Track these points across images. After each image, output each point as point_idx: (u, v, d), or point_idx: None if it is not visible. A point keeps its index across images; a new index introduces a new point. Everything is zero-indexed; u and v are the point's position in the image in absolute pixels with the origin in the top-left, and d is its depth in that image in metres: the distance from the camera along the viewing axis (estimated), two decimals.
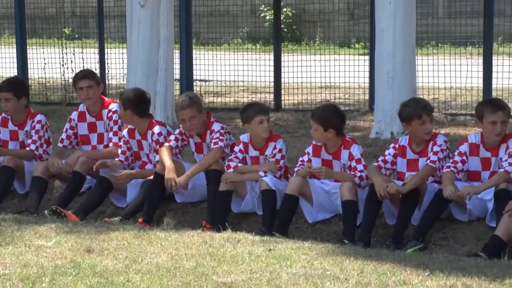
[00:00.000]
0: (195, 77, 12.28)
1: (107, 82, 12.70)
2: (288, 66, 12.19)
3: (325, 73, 12.26)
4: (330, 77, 12.25)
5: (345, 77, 12.14)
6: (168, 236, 6.45)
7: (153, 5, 10.30)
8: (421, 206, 6.73)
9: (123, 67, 12.21)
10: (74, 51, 13.18)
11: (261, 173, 7.09)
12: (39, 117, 8.24)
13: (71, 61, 12.96)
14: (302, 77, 12.36)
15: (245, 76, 12.70)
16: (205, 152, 7.50)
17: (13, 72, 13.38)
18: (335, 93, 12.27)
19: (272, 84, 11.90)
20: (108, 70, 12.81)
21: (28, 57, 13.25)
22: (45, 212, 7.45)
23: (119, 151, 7.81)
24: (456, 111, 10.98)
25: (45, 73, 13.43)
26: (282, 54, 11.89)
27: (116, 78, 13.24)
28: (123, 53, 12.28)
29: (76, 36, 16.51)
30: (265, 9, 19.64)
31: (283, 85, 11.89)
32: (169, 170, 7.26)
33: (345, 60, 12.32)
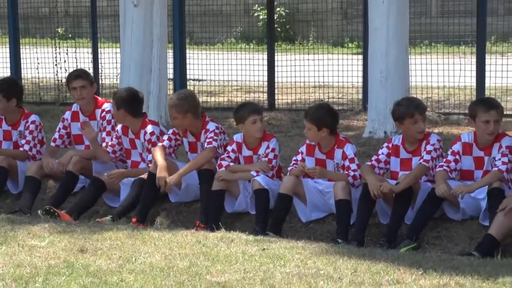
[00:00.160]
0: (188, 77, 12.27)
1: (100, 82, 12.68)
2: (282, 66, 12.19)
3: (319, 72, 12.27)
4: (324, 77, 12.26)
5: (339, 77, 12.14)
6: (162, 235, 6.45)
7: (147, 4, 10.29)
8: (414, 205, 6.75)
9: (116, 67, 12.20)
10: (67, 50, 13.16)
11: (253, 173, 7.09)
12: (33, 117, 8.23)
13: (65, 60, 12.94)
14: (295, 76, 12.37)
15: (239, 75, 12.70)
16: (199, 152, 7.50)
17: (6, 72, 13.36)
18: (329, 93, 12.28)
19: (266, 83, 11.90)
20: (102, 70, 12.80)
21: (21, 56, 13.22)
22: (39, 212, 7.44)
23: (109, 143, 7.81)
24: (449, 110, 10.99)
25: (38, 73, 13.41)
26: (276, 54, 11.89)
27: (110, 78, 13.23)
28: (116, 52, 12.27)
29: (70, 35, 16.48)
30: (259, 9, 19.64)
31: (276, 84, 11.90)
32: (161, 169, 7.27)
33: (338, 59, 12.33)
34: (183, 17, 11.78)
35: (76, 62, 12.84)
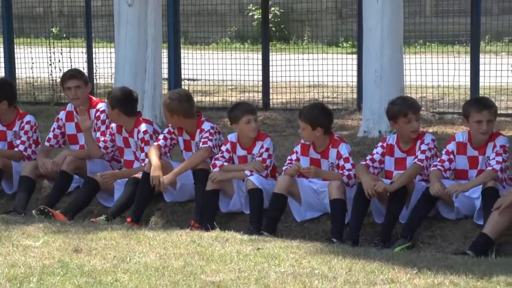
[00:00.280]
0: (183, 76, 12.26)
1: (95, 82, 12.67)
2: (277, 65, 12.19)
3: (313, 72, 12.27)
4: (318, 76, 12.26)
5: (333, 76, 12.15)
6: (157, 235, 6.45)
7: (141, 4, 10.28)
8: (409, 204, 6.76)
9: (111, 67, 12.19)
10: (61, 50, 13.13)
11: (247, 172, 7.10)
12: (28, 117, 8.22)
13: (59, 60, 12.92)
14: (290, 76, 12.37)
15: (233, 75, 12.70)
16: (193, 151, 7.51)
17: (0, 72, 13.32)
18: (323, 92, 12.28)
19: (261, 83, 11.90)
20: (96, 70, 12.78)
21: (16, 56, 13.19)
22: (33, 212, 7.44)
23: (102, 139, 7.81)
24: (443, 109, 11.00)
25: (32, 72, 13.39)
26: (270, 53, 11.89)
27: (104, 78, 13.22)
28: (111, 52, 12.26)
29: (64, 35, 16.47)
30: (253, 8, 19.64)
31: (271, 84, 11.89)
32: (155, 168, 7.27)
33: (333, 59, 12.33)
34: (177, 16, 11.77)
35: (71, 62, 12.81)
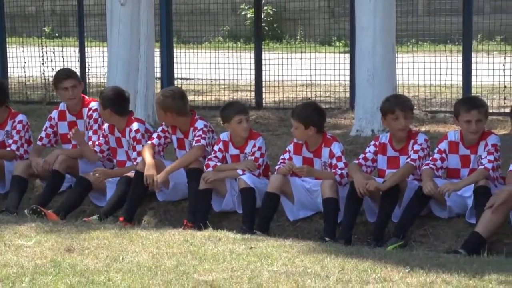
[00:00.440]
0: (176, 76, 12.26)
1: (87, 81, 12.65)
2: (269, 64, 12.20)
3: (306, 71, 12.28)
4: (311, 75, 12.27)
5: (326, 75, 12.16)
6: (149, 234, 6.44)
7: (133, 3, 10.27)
8: (401, 203, 6.77)
9: (103, 66, 12.17)
10: (54, 49, 13.12)
11: (239, 171, 7.10)
12: (20, 117, 8.21)
13: (51, 59, 12.90)
14: (283, 75, 12.37)
15: (226, 74, 12.69)
16: (187, 149, 7.51)
17: None
18: (316, 91, 12.29)
19: (253, 82, 11.90)
20: (89, 69, 12.77)
21: (8, 56, 13.17)
22: (25, 211, 7.43)
23: (96, 143, 7.80)
24: (436, 108, 11.02)
25: (25, 72, 13.37)
26: (263, 52, 11.89)
27: (97, 77, 13.20)
28: (103, 51, 12.24)
29: (56, 34, 16.42)
30: (246, 7, 19.64)
31: (264, 83, 11.90)
32: (149, 166, 7.27)
33: (326, 58, 12.34)
34: (170, 15, 11.77)
35: (63, 61, 12.80)
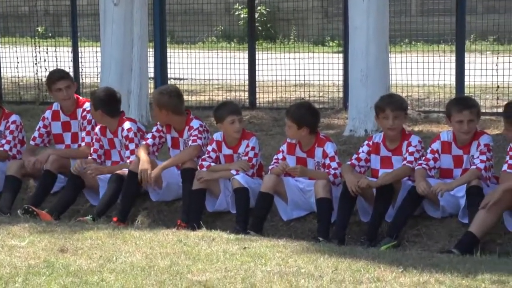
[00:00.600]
0: (169, 76, 12.25)
1: (81, 81, 12.64)
2: (263, 64, 12.20)
3: (300, 71, 12.28)
4: (305, 75, 12.27)
5: (320, 75, 12.16)
6: (143, 235, 6.44)
7: (127, 3, 10.26)
8: (395, 203, 6.77)
9: (97, 66, 12.15)
10: (47, 49, 13.10)
11: (233, 172, 7.10)
12: (13, 117, 8.20)
13: (45, 60, 12.88)
14: (276, 75, 12.37)
15: (220, 74, 12.69)
16: (181, 148, 7.51)
17: None
18: (310, 91, 12.30)
19: (247, 82, 11.90)
20: (82, 69, 12.75)
21: (1, 56, 13.15)
22: (18, 211, 7.42)
23: (91, 149, 7.80)
24: (429, 108, 11.04)
25: (18, 72, 13.34)
26: (257, 52, 11.89)
27: (90, 77, 13.18)
28: (97, 51, 12.22)
29: (50, 34, 16.40)
30: (239, 7, 19.64)
31: (257, 83, 11.90)
32: (144, 162, 7.28)
33: (319, 58, 12.35)
34: (163, 15, 11.76)
35: (56, 61, 12.79)
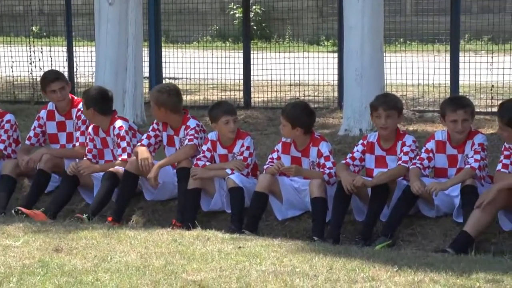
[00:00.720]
0: (164, 75, 12.25)
1: (75, 81, 12.63)
2: (258, 64, 12.20)
3: (295, 70, 12.29)
4: (300, 75, 12.28)
5: (314, 75, 12.17)
6: (138, 234, 6.44)
7: (122, 3, 10.25)
8: (390, 203, 6.78)
9: (91, 65, 12.14)
10: (42, 49, 13.08)
11: (228, 170, 7.10)
12: (8, 116, 8.19)
13: (39, 59, 12.87)
14: (271, 74, 12.38)
15: (215, 73, 12.70)
16: (177, 146, 7.52)
17: None
18: (305, 91, 12.30)
19: (242, 81, 11.90)
20: (77, 68, 12.74)
21: None
22: (12, 211, 7.41)
23: (86, 149, 7.79)
24: (424, 107, 11.05)
25: (12, 71, 13.33)
26: (252, 52, 11.90)
27: (85, 77, 13.17)
28: (91, 51, 12.22)
29: (44, 34, 16.38)
30: (234, 7, 19.64)
31: (252, 82, 11.90)
32: (143, 151, 7.32)
33: (314, 57, 12.36)
34: (158, 15, 11.75)
35: (51, 61, 12.77)
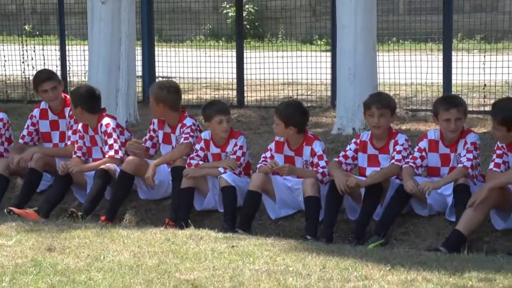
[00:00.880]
0: (157, 74, 12.23)
1: (68, 80, 12.60)
2: (251, 63, 12.19)
3: (288, 69, 12.28)
4: (293, 74, 12.28)
5: (308, 74, 12.17)
6: (131, 233, 6.44)
7: (114, 1, 10.22)
8: (383, 202, 6.79)
9: (84, 64, 12.12)
10: (34, 48, 13.05)
11: (220, 169, 7.10)
12: (0, 115, 8.18)
13: (32, 58, 12.84)
14: (264, 73, 12.38)
15: (208, 72, 12.69)
16: (173, 144, 7.53)
17: None
18: (298, 90, 12.31)
19: (235, 80, 11.90)
20: (70, 67, 12.72)
21: None
22: (5, 210, 7.40)
23: (76, 147, 7.79)
24: (416, 106, 11.06)
25: (5, 70, 13.30)
26: (245, 51, 11.89)
27: (78, 75, 13.14)
28: (84, 50, 12.18)
29: (37, 33, 16.33)
30: (227, 6, 19.63)
31: (245, 81, 11.89)
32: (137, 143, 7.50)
33: (307, 56, 12.35)
34: (151, 14, 11.74)
35: (44, 60, 12.74)
